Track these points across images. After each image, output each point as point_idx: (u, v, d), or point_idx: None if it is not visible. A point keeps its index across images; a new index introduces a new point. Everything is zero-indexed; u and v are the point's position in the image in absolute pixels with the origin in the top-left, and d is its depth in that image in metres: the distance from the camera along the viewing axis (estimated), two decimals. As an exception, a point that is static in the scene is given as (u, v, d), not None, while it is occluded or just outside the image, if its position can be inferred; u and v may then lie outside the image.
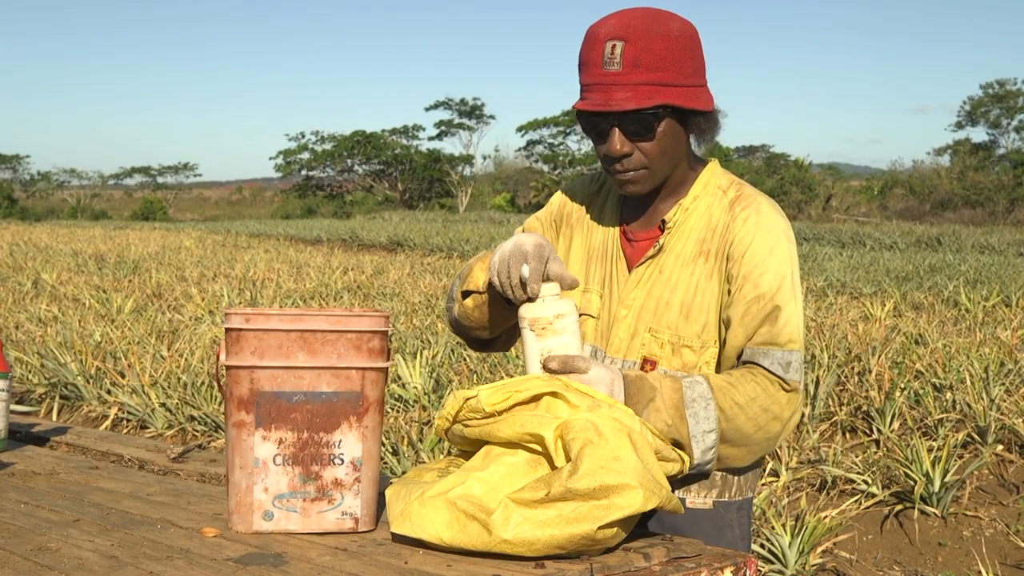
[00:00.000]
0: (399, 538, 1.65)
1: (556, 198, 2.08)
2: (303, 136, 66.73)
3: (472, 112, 65.06)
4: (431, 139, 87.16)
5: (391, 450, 4.92)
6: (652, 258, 1.87)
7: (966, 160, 47.49)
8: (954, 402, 5.62)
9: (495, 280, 1.75)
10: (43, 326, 9.01)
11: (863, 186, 52.26)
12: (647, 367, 1.85)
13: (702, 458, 1.74)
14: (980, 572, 4.04)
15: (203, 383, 6.33)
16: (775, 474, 4.89)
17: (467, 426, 1.66)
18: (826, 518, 4.26)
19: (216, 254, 19.30)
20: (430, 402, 5.78)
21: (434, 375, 6.29)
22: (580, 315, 1.93)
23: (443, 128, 65.19)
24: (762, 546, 4.09)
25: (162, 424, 6.00)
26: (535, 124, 61.29)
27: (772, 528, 4.12)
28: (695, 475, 1.86)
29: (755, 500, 4.34)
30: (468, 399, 1.65)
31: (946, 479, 4.62)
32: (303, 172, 66.54)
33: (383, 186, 64.78)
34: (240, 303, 10.80)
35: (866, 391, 5.87)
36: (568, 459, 1.55)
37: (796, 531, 4.07)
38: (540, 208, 2.19)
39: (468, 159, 64.35)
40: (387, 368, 1.75)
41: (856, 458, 5.02)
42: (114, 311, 10.04)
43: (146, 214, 61.56)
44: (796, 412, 1.80)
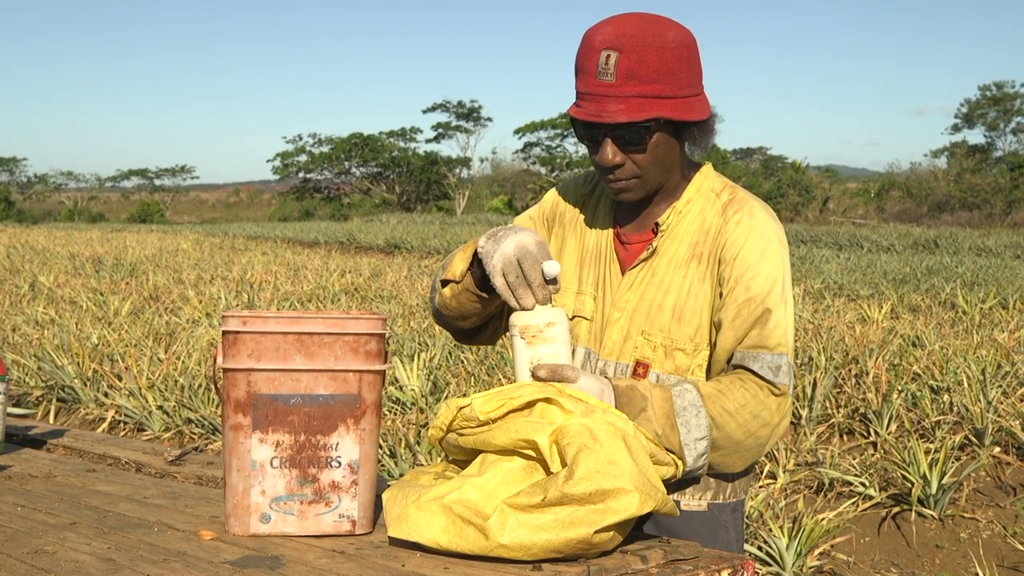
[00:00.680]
0: (396, 541, 1.65)
1: (549, 196, 2.07)
2: (300, 138, 66.75)
3: (469, 114, 65.04)
4: (428, 141, 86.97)
5: (388, 453, 4.91)
6: (645, 261, 1.87)
7: (963, 162, 47.55)
8: (951, 404, 5.63)
9: (498, 282, 1.70)
10: (40, 329, 9.00)
11: (860, 188, 52.31)
12: (640, 370, 1.85)
13: (694, 465, 1.74)
14: (977, 574, 4.05)
15: (200, 386, 6.32)
16: (772, 476, 4.89)
17: (461, 435, 1.66)
18: (823, 520, 4.26)
19: (213, 257, 19.29)
20: (427, 405, 5.78)
21: (431, 378, 6.29)
22: (573, 317, 1.93)
23: (440, 130, 65.17)
24: (760, 548, 4.09)
25: (159, 427, 5.99)
26: (532, 126, 61.28)
27: (769, 530, 4.12)
28: (687, 479, 1.86)
29: (752, 503, 4.34)
30: (461, 408, 1.64)
31: (943, 481, 4.62)
32: (300, 174, 66.53)
33: (380, 188, 64.78)
34: (237, 306, 10.79)
35: (863, 393, 5.87)
36: (564, 464, 1.55)
37: (793, 533, 4.07)
38: None
39: (465, 161, 64.35)
40: (384, 371, 1.75)
41: (853, 460, 5.02)
42: (111, 314, 10.03)
43: (143, 217, 61.54)
44: (786, 417, 1.80)
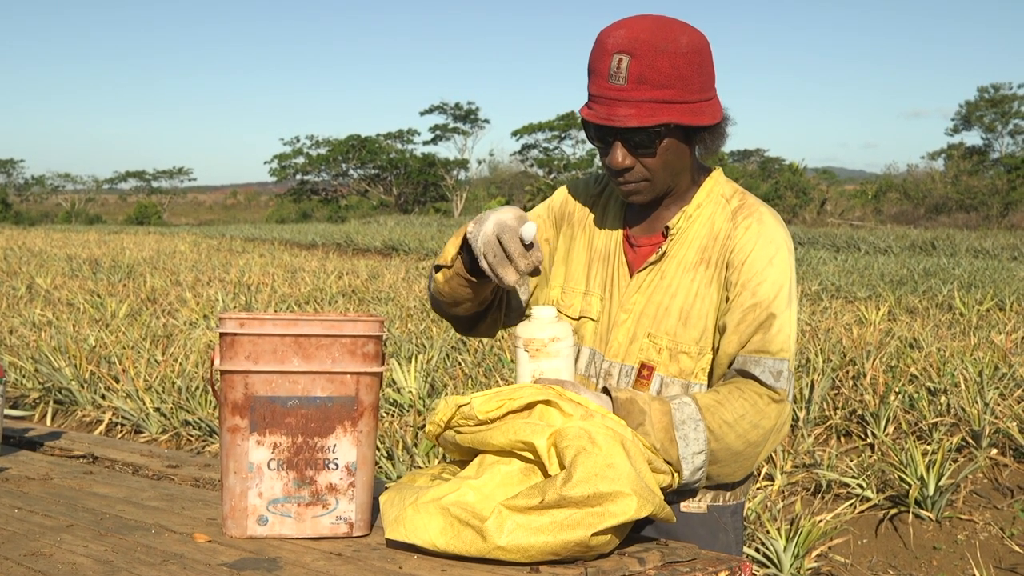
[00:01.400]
0: (394, 543, 1.65)
1: (559, 194, 2.06)
2: (298, 140, 66.77)
3: (467, 116, 65.06)
4: (426, 143, 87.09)
5: (386, 455, 4.91)
6: (654, 264, 1.87)
7: (960, 164, 47.60)
8: (948, 406, 5.63)
9: (483, 264, 1.69)
10: (37, 331, 8.99)
11: (858, 190, 52.35)
12: (644, 372, 1.85)
13: (690, 478, 1.74)
14: (974, 575, 4.05)
15: (197, 388, 6.32)
16: (770, 478, 4.89)
17: (459, 433, 1.66)
18: (821, 522, 4.26)
19: (211, 258, 19.28)
20: (425, 407, 5.78)
21: (429, 380, 6.29)
22: (580, 317, 1.94)
23: (438, 132, 65.19)
24: (757, 550, 4.09)
25: (156, 429, 5.99)
26: (530, 128, 61.30)
27: (767, 532, 4.12)
28: (685, 490, 1.86)
29: (750, 504, 4.35)
30: (461, 406, 1.65)
31: (941, 483, 4.62)
32: (298, 176, 66.53)
33: (378, 190, 64.77)
34: (235, 307, 10.79)
35: (861, 395, 5.88)
36: (562, 467, 1.55)
37: (791, 535, 4.07)
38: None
39: (463, 163, 64.36)
40: (382, 373, 1.75)
41: (851, 462, 5.02)
42: (108, 316, 10.02)
43: (141, 218, 61.50)
44: (785, 423, 1.80)
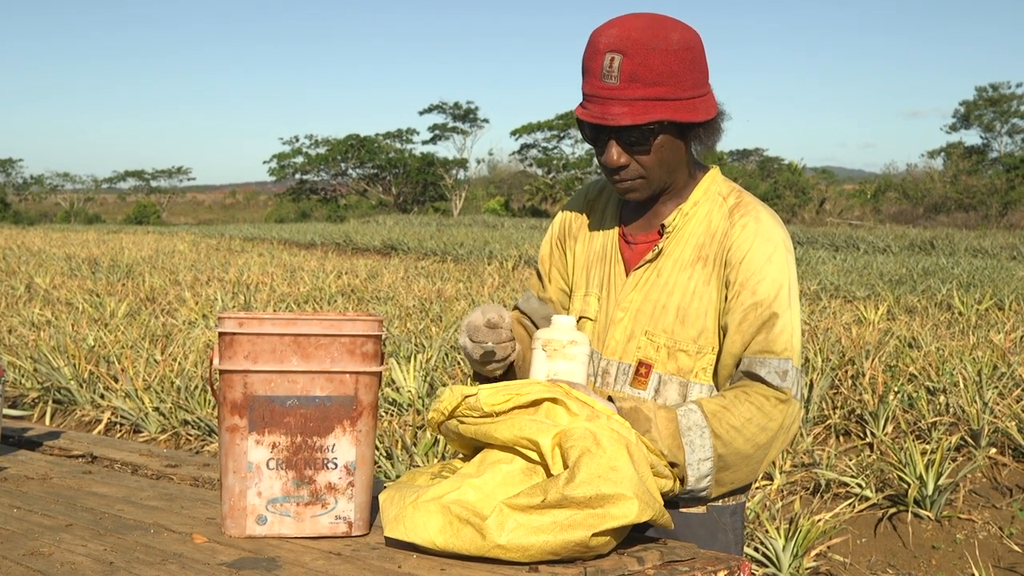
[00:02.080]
0: (393, 542, 1.65)
1: (556, 220, 2.09)
2: (297, 140, 66.75)
3: (466, 116, 65.04)
4: (425, 143, 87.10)
5: (385, 454, 4.91)
6: (650, 262, 1.88)
7: (959, 164, 47.64)
8: (947, 405, 5.63)
9: (480, 368, 1.88)
10: (36, 330, 8.99)
11: (857, 190, 52.40)
12: (642, 370, 1.85)
13: (695, 485, 1.74)
14: (973, 575, 4.05)
15: (196, 387, 6.32)
16: (769, 477, 4.89)
17: (463, 423, 1.65)
18: (820, 521, 4.26)
19: (210, 258, 19.27)
20: (424, 406, 5.77)
21: (428, 379, 6.28)
22: (580, 319, 1.94)
23: (437, 132, 65.17)
24: (756, 549, 4.09)
25: (155, 428, 5.99)
26: (529, 128, 61.29)
27: (766, 531, 4.12)
28: (694, 498, 1.86)
29: (749, 504, 4.35)
30: (467, 396, 1.64)
31: (940, 482, 4.62)
32: (297, 176, 66.53)
33: (377, 190, 64.77)
34: (234, 307, 10.78)
35: (860, 394, 5.88)
36: (565, 466, 1.55)
37: (790, 534, 4.07)
38: (534, 213, 2.21)
39: (462, 163, 64.35)
40: (381, 372, 1.75)
41: (850, 461, 5.02)
42: (107, 315, 10.02)
43: (140, 218, 61.50)
44: (794, 423, 1.79)
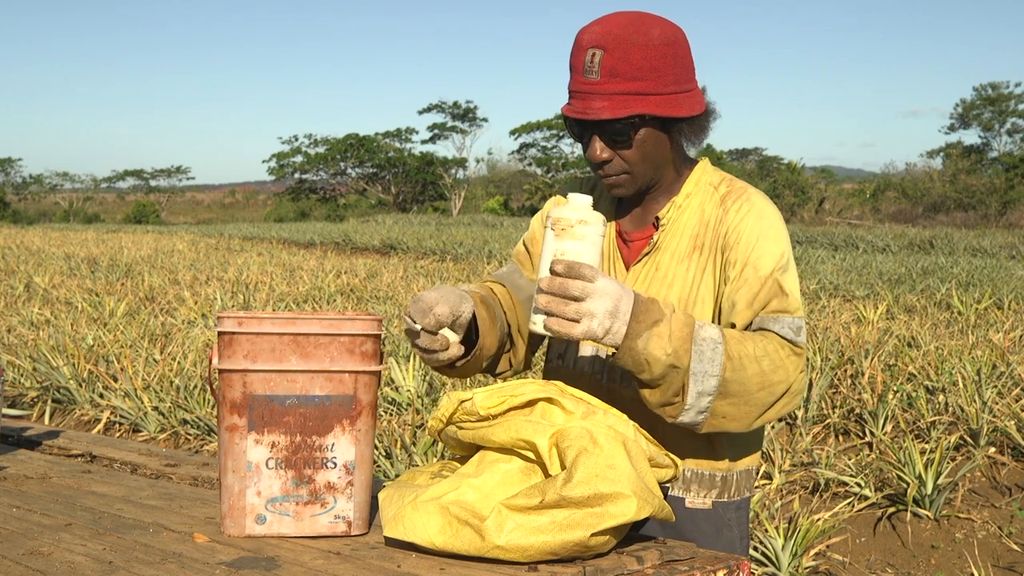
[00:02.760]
0: (392, 541, 1.65)
1: (549, 205, 2.06)
2: (296, 139, 66.82)
3: (465, 115, 65.08)
4: (424, 142, 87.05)
5: (384, 454, 4.91)
6: (647, 255, 1.89)
7: (958, 163, 47.66)
8: (947, 405, 5.63)
9: (419, 344, 1.77)
10: (35, 330, 8.99)
11: (856, 189, 52.44)
12: None
13: (695, 402, 1.69)
14: (973, 574, 4.05)
15: (196, 387, 6.32)
16: (768, 477, 4.90)
17: (461, 428, 1.66)
18: (819, 520, 4.26)
19: (209, 257, 19.27)
20: (423, 405, 5.77)
21: (427, 378, 6.29)
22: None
23: (436, 131, 65.21)
24: (755, 548, 4.09)
25: (155, 428, 5.99)
26: (528, 127, 61.31)
27: (765, 531, 4.12)
28: (692, 477, 1.86)
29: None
30: (463, 401, 1.65)
31: (939, 481, 4.62)
32: (296, 175, 66.57)
33: (376, 189, 64.79)
34: (233, 306, 10.78)
35: (859, 394, 5.88)
36: (563, 466, 1.55)
37: (789, 534, 4.07)
38: (534, 212, 2.18)
39: (461, 162, 64.39)
40: (380, 371, 1.75)
41: (849, 461, 5.03)
42: (107, 315, 10.02)
43: (139, 217, 61.52)
44: (801, 380, 1.79)
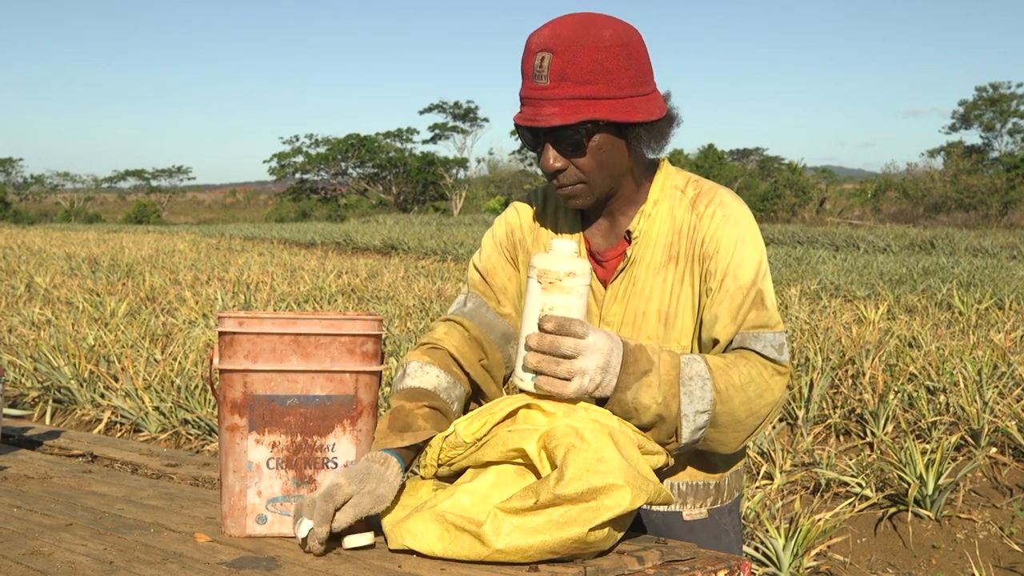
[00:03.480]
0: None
1: (500, 227, 1.96)
2: (297, 139, 66.89)
3: (466, 115, 65.08)
4: (425, 142, 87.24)
5: (385, 453, 4.91)
6: (623, 271, 1.83)
7: (959, 163, 47.63)
8: (947, 405, 5.63)
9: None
10: (36, 329, 8.99)
11: (857, 189, 52.40)
12: None
13: (690, 438, 1.68)
14: (974, 574, 4.05)
15: (197, 387, 6.32)
16: (769, 477, 4.89)
17: (454, 463, 1.67)
18: (820, 521, 4.26)
19: (210, 257, 19.27)
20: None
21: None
22: None
23: (437, 131, 65.21)
24: (756, 549, 4.09)
25: (156, 428, 5.99)
26: (529, 127, 61.21)
27: (766, 531, 4.12)
28: (688, 490, 1.86)
29: (749, 503, 4.35)
30: (446, 437, 1.66)
31: (940, 482, 4.62)
32: (297, 175, 66.58)
33: (377, 189, 64.79)
34: (234, 306, 10.78)
35: (860, 394, 5.88)
36: (553, 466, 1.55)
37: (790, 534, 4.07)
38: None
39: (462, 162, 64.39)
40: (381, 372, 1.75)
41: (850, 461, 5.02)
42: (107, 314, 10.02)
43: (140, 217, 61.53)
44: (784, 394, 1.78)
